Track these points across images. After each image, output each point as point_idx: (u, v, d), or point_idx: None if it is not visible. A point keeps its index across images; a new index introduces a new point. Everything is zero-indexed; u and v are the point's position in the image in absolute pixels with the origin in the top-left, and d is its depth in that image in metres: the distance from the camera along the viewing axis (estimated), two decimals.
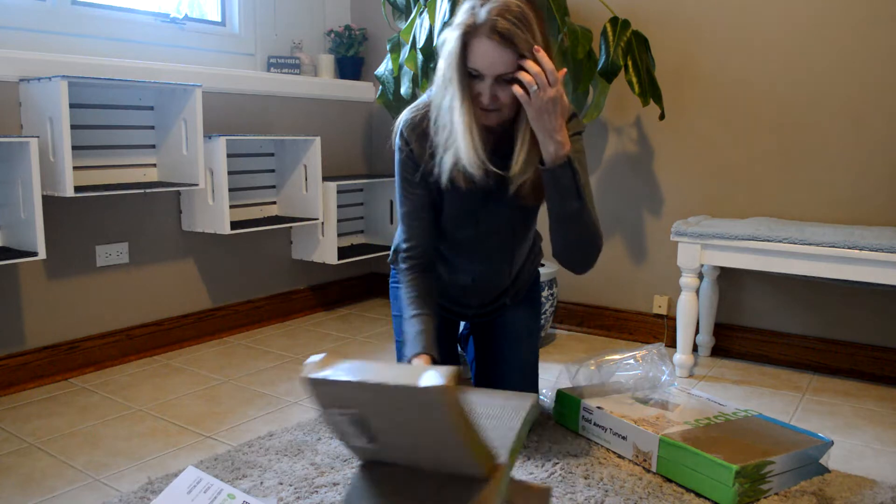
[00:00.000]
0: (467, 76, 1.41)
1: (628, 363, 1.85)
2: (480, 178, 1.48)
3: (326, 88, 2.94)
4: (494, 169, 1.48)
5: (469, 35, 1.36)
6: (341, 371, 1.02)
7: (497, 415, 1.23)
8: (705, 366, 2.33)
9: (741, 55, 2.32)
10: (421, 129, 1.53)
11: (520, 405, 1.26)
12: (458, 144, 1.44)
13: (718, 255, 2.10)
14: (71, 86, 2.05)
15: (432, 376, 0.92)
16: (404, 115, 1.57)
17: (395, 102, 2.45)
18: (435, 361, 1.43)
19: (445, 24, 1.94)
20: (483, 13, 1.35)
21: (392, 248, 1.83)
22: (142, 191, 2.13)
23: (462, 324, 1.60)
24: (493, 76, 1.37)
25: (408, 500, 1.04)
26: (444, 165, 1.49)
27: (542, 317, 2.39)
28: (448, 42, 1.40)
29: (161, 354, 2.40)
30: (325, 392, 1.05)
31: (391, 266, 1.86)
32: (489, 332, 1.77)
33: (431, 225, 1.60)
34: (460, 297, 1.73)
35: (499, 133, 1.51)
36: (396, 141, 1.57)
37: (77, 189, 2.01)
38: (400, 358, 1.75)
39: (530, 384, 1.73)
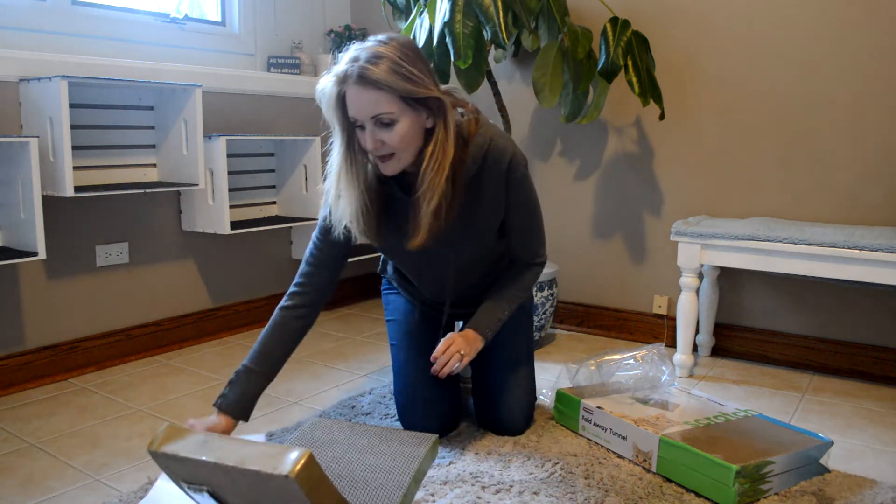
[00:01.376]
0: (350, 128, 1.39)
1: (628, 363, 1.85)
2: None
3: None
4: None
5: (342, 84, 1.35)
6: (191, 446, 0.99)
7: (388, 467, 1.19)
8: (705, 366, 2.33)
9: (741, 55, 2.32)
10: None
11: (413, 454, 1.21)
12: (343, 201, 1.44)
13: (718, 255, 2.10)
14: (71, 86, 2.05)
15: (287, 459, 0.90)
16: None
17: None
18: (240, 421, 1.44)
19: (445, 25, 1.94)
20: (352, 60, 1.33)
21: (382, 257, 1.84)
22: (142, 191, 2.13)
23: (458, 323, 1.60)
24: (370, 119, 1.35)
25: None
26: (338, 223, 1.47)
27: (543, 317, 2.39)
28: (324, 92, 1.38)
29: (161, 354, 2.40)
30: (176, 467, 1.02)
31: (381, 275, 1.88)
32: None
33: (327, 280, 1.57)
34: (435, 302, 1.75)
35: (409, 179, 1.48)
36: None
37: (77, 189, 2.01)
38: (395, 361, 1.75)
39: (523, 379, 1.73)
